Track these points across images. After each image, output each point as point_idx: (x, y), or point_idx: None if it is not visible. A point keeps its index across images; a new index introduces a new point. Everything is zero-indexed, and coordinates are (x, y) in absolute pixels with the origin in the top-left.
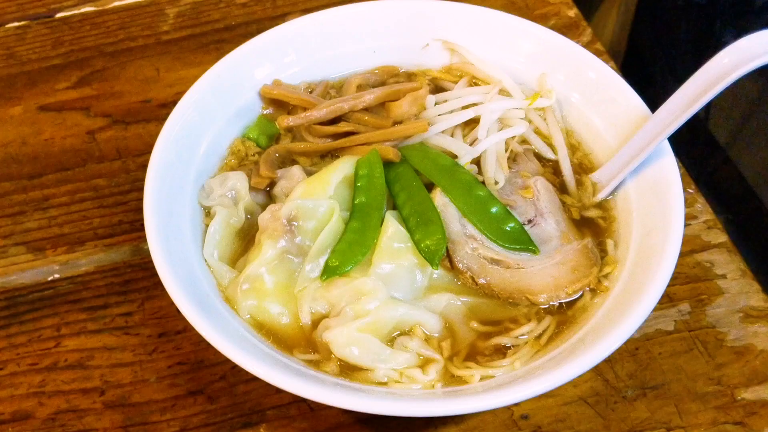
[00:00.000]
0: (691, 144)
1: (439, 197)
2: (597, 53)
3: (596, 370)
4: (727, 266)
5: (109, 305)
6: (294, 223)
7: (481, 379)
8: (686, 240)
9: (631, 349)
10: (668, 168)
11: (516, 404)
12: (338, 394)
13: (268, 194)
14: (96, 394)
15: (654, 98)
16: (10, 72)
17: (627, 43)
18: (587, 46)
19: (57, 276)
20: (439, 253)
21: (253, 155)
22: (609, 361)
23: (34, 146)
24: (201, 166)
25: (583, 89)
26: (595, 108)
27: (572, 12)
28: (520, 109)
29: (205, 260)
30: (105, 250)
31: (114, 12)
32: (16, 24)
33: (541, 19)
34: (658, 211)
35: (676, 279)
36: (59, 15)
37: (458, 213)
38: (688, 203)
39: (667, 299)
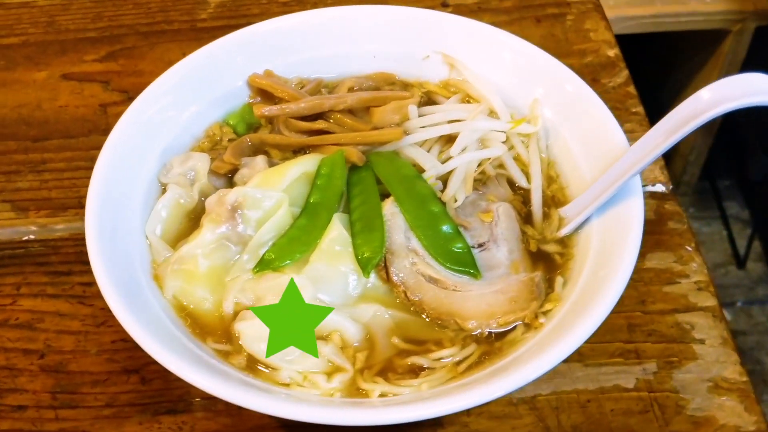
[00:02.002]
0: None
1: (389, 206)
2: (628, 96)
3: (539, 415)
4: (708, 332)
5: (73, 273)
6: (239, 210)
7: (383, 395)
8: (671, 298)
9: (582, 400)
10: (633, 208)
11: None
12: (224, 386)
13: (230, 181)
14: (35, 357)
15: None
16: (46, 39)
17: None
18: (620, 87)
19: (32, 237)
20: (372, 261)
21: (228, 141)
22: (556, 408)
23: (47, 111)
24: (170, 143)
25: (573, 121)
26: (579, 141)
27: (612, 52)
28: (501, 132)
29: (146, 236)
30: (84, 219)
31: None
32: None
33: (578, 55)
34: (611, 253)
35: (649, 336)
36: None
37: (406, 225)
38: (684, 260)
39: (635, 355)
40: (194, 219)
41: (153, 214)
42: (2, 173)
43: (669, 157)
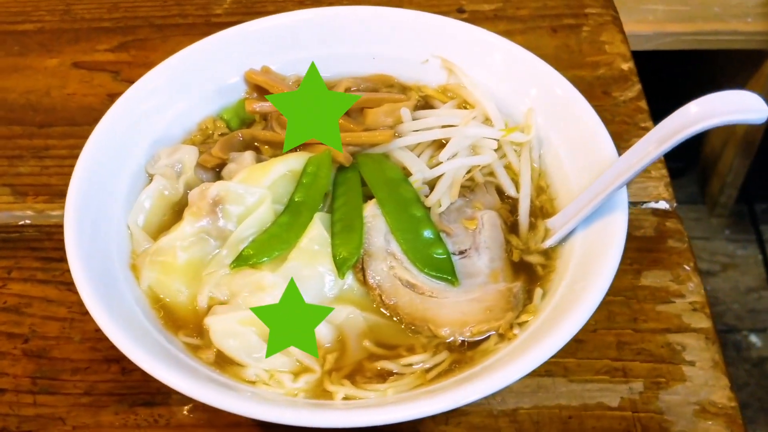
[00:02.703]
0: None
1: (370, 208)
2: (638, 110)
3: (519, 428)
4: (700, 354)
5: (65, 259)
6: (220, 205)
7: (346, 398)
8: (665, 317)
9: (563, 416)
10: (616, 222)
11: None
12: (181, 378)
13: (218, 175)
14: (20, 341)
15: None
16: (61, 26)
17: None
18: (631, 101)
19: (28, 222)
20: (348, 263)
21: (220, 135)
22: (536, 423)
23: (55, 98)
24: (160, 135)
25: (565, 132)
26: (570, 152)
27: (626, 65)
28: (493, 140)
29: (128, 226)
30: None
31: None
32: None
33: (591, 67)
34: (590, 267)
35: (638, 354)
36: None
37: (386, 228)
38: (681, 280)
39: (622, 373)
40: (178, 211)
41: (136, 205)
42: (5, 157)
43: (706, 178)
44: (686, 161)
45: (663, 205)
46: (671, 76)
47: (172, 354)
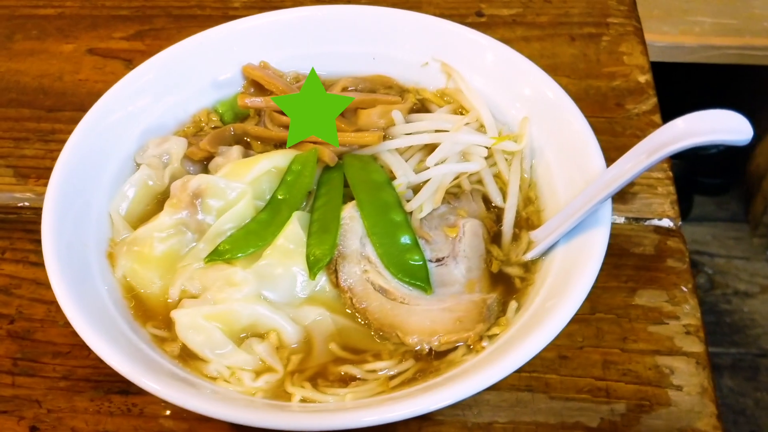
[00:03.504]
0: None
1: (349, 209)
2: (651, 124)
3: None
4: (689, 379)
5: None
6: (200, 198)
7: (304, 401)
8: (656, 339)
9: None
10: (595, 238)
11: None
12: (132, 367)
13: (206, 168)
14: (6, 321)
15: None
16: (80, 13)
17: None
18: (644, 115)
19: (26, 204)
20: (320, 263)
21: (213, 128)
22: None
23: (66, 83)
24: (151, 125)
25: (559, 143)
26: (562, 164)
27: (644, 78)
28: (484, 147)
29: (110, 213)
30: None
31: None
32: None
33: (607, 78)
34: (564, 283)
35: (624, 375)
36: None
37: (363, 230)
38: (677, 301)
39: (605, 393)
40: (162, 202)
41: (119, 193)
42: (12, 139)
43: (750, 197)
44: (729, 178)
45: (666, 223)
46: (713, 89)
47: (133, 344)
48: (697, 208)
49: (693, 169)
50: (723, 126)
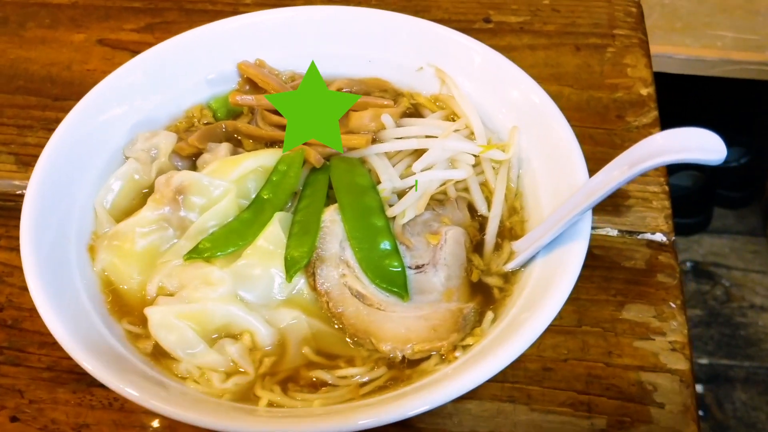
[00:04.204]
0: None
1: (330, 213)
2: None
3: None
4: (672, 396)
5: None
6: (183, 194)
7: (271, 405)
8: (641, 354)
9: None
10: (573, 252)
11: None
12: (98, 365)
13: (195, 164)
14: None
15: None
16: (94, 3)
17: None
18: (644, 128)
19: (25, 192)
20: (297, 266)
21: (205, 124)
22: None
23: (74, 73)
24: (143, 118)
25: (546, 154)
26: (547, 174)
27: (646, 90)
28: (472, 155)
29: (94, 206)
30: None
31: None
32: None
33: (609, 89)
34: (539, 296)
35: (606, 390)
36: None
37: (343, 234)
38: (665, 317)
39: (586, 408)
40: (147, 196)
41: (105, 185)
42: (16, 126)
43: None
44: (750, 192)
45: (659, 237)
46: (731, 103)
47: (104, 339)
48: (717, 220)
49: (713, 182)
50: (696, 144)
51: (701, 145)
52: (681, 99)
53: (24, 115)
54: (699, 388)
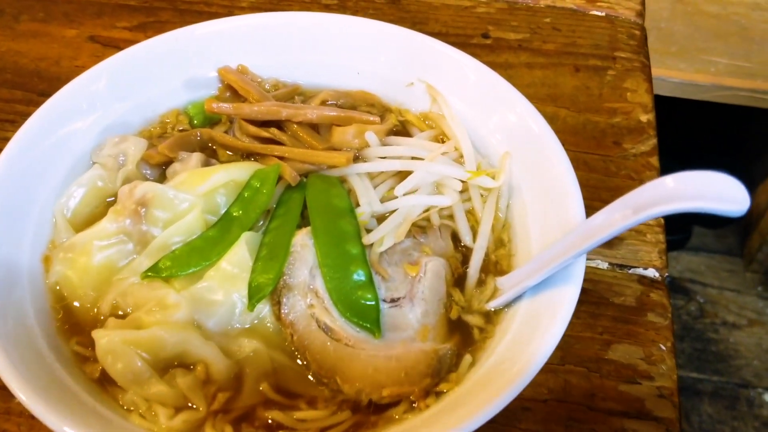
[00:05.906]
0: None
1: (301, 236)
2: (648, 167)
3: None
4: None
5: None
6: (145, 207)
7: None
8: (626, 399)
9: None
10: (564, 297)
11: None
12: (29, 392)
13: (164, 173)
14: None
15: None
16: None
17: None
18: (642, 156)
19: None
20: (260, 293)
21: (180, 131)
22: None
23: (63, 68)
24: (115, 121)
25: (539, 186)
26: (539, 207)
27: (646, 117)
28: (459, 180)
29: (53, 213)
30: None
31: None
32: None
33: (607, 113)
34: (523, 344)
35: None
36: None
37: (314, 261)
38: (654, 360)
39: None
40: (111, 205)
41: (66, 192)
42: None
43: (747, 233)
44: None
45: (652, 273)
46: (721, 128)
47: (45, 363)
48: (696, 238)
49: None
50: (714, 193)
51: (719, 194)
52: (672, 121)
53: (8, 109)
54: None
